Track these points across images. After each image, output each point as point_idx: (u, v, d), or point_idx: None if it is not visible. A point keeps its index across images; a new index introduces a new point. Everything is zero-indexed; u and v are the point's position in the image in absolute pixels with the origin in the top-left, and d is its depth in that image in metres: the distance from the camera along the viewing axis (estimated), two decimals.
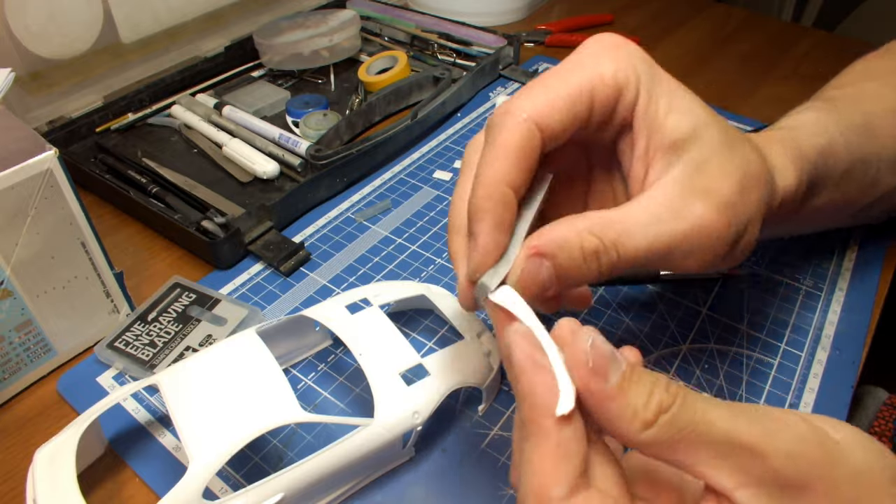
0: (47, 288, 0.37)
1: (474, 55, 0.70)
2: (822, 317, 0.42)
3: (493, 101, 0.65)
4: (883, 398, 0.54)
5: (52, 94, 0.57)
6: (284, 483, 0.29)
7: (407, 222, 0.50)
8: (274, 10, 0.74)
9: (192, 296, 0.42)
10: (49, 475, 0.29)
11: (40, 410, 0.38)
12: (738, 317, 0.42)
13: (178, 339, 0.40)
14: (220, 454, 0.28)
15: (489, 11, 0.82)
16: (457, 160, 0.57)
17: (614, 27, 0.82)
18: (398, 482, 0.34)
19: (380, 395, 0.31)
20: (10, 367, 0.37)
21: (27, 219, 0.35)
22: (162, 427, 0.36)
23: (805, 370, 0.39)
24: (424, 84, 0.65)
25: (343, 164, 0.53)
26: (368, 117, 0.62)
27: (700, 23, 0.82)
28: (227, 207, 0.51)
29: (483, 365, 0.35)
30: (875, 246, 0.48)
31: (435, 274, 0.46)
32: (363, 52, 0.72)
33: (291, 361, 0.40)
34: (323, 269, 0.46)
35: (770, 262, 0.46)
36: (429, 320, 0.42)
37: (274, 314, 0.43)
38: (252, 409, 0.30)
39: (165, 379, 0.32)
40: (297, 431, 0.36)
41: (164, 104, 0.63)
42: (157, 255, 0.49)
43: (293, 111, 0.61)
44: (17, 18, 0.52)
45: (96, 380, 0.39)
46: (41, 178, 0.34)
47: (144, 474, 0.34)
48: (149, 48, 0.64)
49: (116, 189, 0.50)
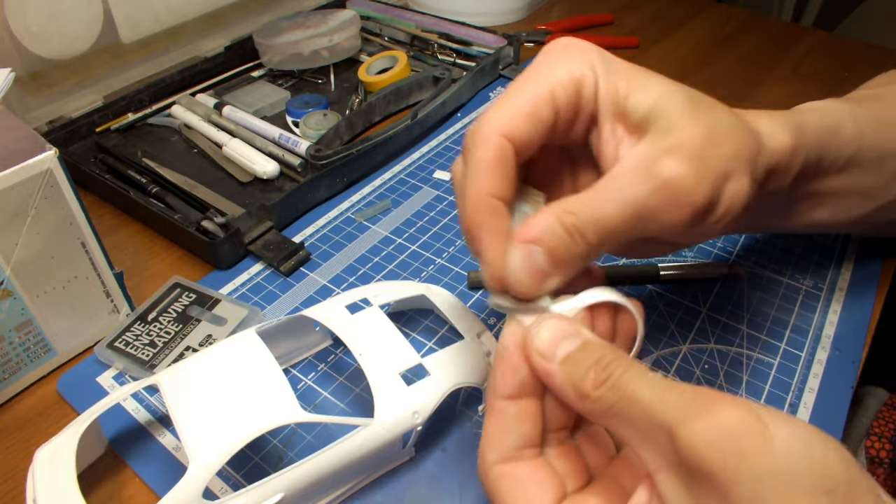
0: (47, 288, 0.37)
1: (474, 55, 0.70)
2: (822, 317, 0.42)
3: (493, 101, 0.65)
4: (883, 398, 0.54)
5: (52, 94, 0.57)
6: (284, 483, 0.29)
7: (407, 222, 0.50)
8: (274, 10, 0.74)
9: (192, 296, 0.42)
10: (49, 475, 0.29)
11: (40, 410, 0.38)
12: (738, 317, 0.42)
13: (178, 339, 0.40)
14: (220, 454, 0.28)
15: (489, 11, 0.82)
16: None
17: (614, 27, 0.82)
18: (398, 482, 0.34)
19: (380, 395, 0.31)
20: (10, 367, 0.37)
21: (27, 219, 0.35)
22: (162, 427, 0.36)
23: (805, 370, 0.39)
24: (424, 84, 0.65)
25: (343, 164, 0.53)
26: (368, 117, 0.62)
27: (700, 23, 0.82)
28: (227, 207, 0.51)
29: (483, 365, 0.35)
30: (875, 246, 0.48)
31: (435, 274, 0.46)
32: (363, 52, 0.72)
33: (291, 361, 0.40)
34: (323, 269, 0.46)
35: (770, 262, 0.46)
36: (429, 320, 0.42)
37: (274, 314, 0.43)
38: (252, 409, 0.30)
39: (165, 379, 0.32)
40: (297, 431, 0.36)
41: (164, 104, 0.63)
42: (157, 255, 0.49)
43: (293, 111, 0.61)
44: (17, 18, 0.52)
45: (96, 380, 0.39)
46: (41, 178, 0.34)
47: (144, 474, 0.34)
48: (149, 48, 0.64)
49: (116, 189, 0.50)
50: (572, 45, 0.29)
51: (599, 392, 0.23)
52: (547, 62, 0.29)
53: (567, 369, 0.24)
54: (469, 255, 0.47)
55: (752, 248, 0.48)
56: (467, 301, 0.44)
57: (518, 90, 0.28)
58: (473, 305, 0.43)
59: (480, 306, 0.43)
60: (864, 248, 0.47)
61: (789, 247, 0.48)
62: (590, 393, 0.23)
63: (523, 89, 0.28)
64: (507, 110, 0.27)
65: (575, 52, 0.29)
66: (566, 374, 0.24)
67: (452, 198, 0.53)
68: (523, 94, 0.28)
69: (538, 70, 0.28)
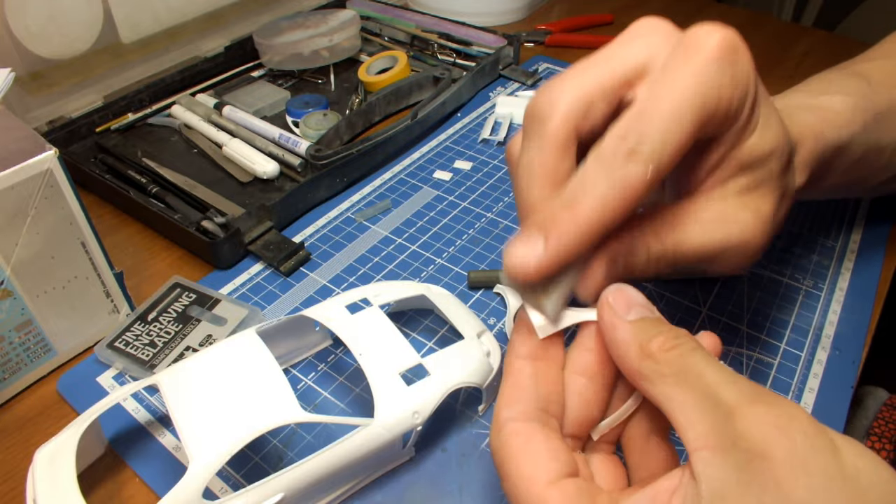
0: (47, 288, 0.37)
1: (474, 55, 0.70)
2: (822, 317, 0.42)
3: (493, 101, 0.65)
4: (883, 398, 0.54)
5: (52, 94, 0.57)
6: (284, 483, 0.29)
7: (407, 222, 0.50)
8: (274, 10, 0.74)
9: (192, 296, 0.42)
10: (49, 475, 0.29)
11: (40, 410, 0.38)
12: (738, 317, 0.42)
13: (178, 339, 0.40)
14: (220, 454, 0.28)
15: (489, 11, 0.82)
16: (457, 160, 0.57)
17: (614, 27, 0.82)
18: (398, 482, 0.34)
19: (380, 395, 0.31)
20: (10, 367, 0.37)
21: (27, 219, 0.35)
22: (162, 427, 0.36)
23: (805, 370, 0.39)
24: (424, 84, 0.65)
25: (343, 164, 0.53)
26: (368, 117, 0.62)
27: (700, 23, 0.81)
28: (227, 207, 0.51)
29: (483, 365, 0.34)
30: (875, 246, 0.48)
31: (435, 274, 0.46)
32: (363, 52, 0.72)
33: (291, 361, 0.40)
34: (323, 269, 0.46)
35: (770, 262, 0.46)
36: (429, 320, 0.42)
37: (274, 314, 0.43)
38: (252, 409, 0.30)
39: (165, 379, 0.32)
40: (297, 431, 0.36)
41: (164, 104, 0.63)
42: (157, 255, 0.49)
43: (293, 111, 0.61)
44: (17, 18, 0.52)
45: (96, 380, 0.39)
46: (41, 178, 0.34)
47: (144, 474, 0.34)
48: (149, 48, 0.64)
49: (116, 189, 0.50)
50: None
51: (666, 356, 0.22)
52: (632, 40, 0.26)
53: (636, 327, 0.24)
54: (469, 255, 0.47)
55: None
56: (467, 301, 0.44)
57: (599, 62, 0.26)
58: (473, 305, 0.43)
59: (480, 306, 0.43)
60: (865, 248, 0.48)
61: (789, 247, 0.48)
62: (655, 353, 0.22)
63: (604, 63, 0.26)
64: (584, 87, 0.25)
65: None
66: (634, 331, 0.23)
67: (452, 198, 0.53)
68: (605, 70, 0.25)
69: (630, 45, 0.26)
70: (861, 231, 0.49)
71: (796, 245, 0.48)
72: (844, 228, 0.49)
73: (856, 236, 0.48)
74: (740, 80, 0.25)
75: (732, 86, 0.24)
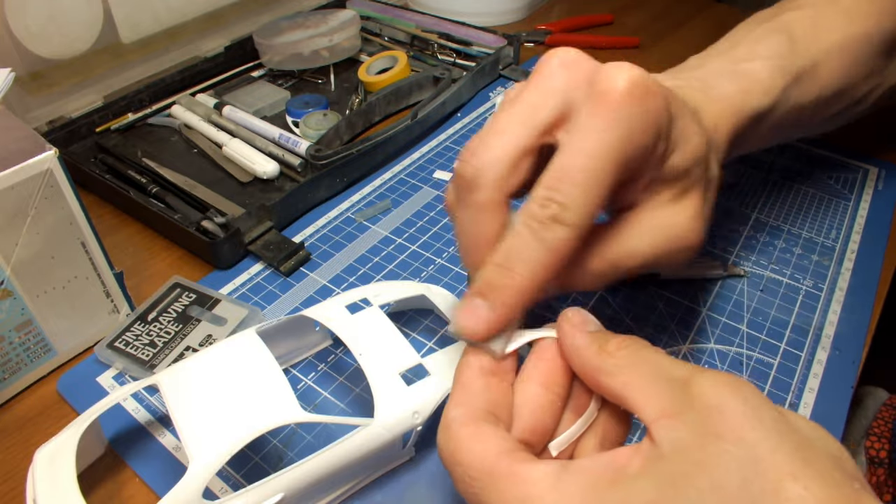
0: (47, 288, 0.37)
1: (474, 55, 0.70)
2: (822, 317, 0.42)
3: (493, 101, 0.65)
4: (883, 398, 0.54)
5: (52, 94, 0.57)
6: (284, 483, 0.29)
7: (407, 222, 0.50)
8: (274, 10, 0.74)
9: (192, 296, 0.42)
10: (49, 475, 0.29)
11: (40, 410, 0.38)
12: (738, 317, 0.42)
13: (178, 339, 0.40)
14: (220, 454, 0.28)
15: (489, 11, 0.82)
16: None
17: (614, 27, 0.82)
18: (398, 482, 0.34)
19: (380, 395, 0.31)
20: (10, 367, 0.37)
21: (27, 219, 0.35)
22: (162, 427, 0.36)
23: (805, 370, 0.39)
24: (424, 84, 0.65)
25: (343, 164, 0.53)
26: (368, 117, 0.62)
27: (700, 23, 0.82)
28: (227, 207, 0.51)
29: None
30: (875, 246, 0.48)
31: (435, 274, 0.46)
32: (363, 52, 0.72)
33: (291, 361, 0.40)
34: (323, 269, 0.46)
35: (770, 262, 0.46)
36: (429, 320, 0.42)
37: (274, 314, 0.43)
38: (252, 409, 0.30)
39: (165, 379, 0.32)
40: (297, 431, 0.36)
41: (164, 104, 0.63)
42: (157, 255, 0.49)
43: (293, 111, 0.61)
44: (17, 18, 0.52)
45: (96, 380, 0.39)
46: (41, 178, 0.34)
47: (144, 474, 0.34)
48: (149, 48, 0.64)
49: (116, 189, 0.50)
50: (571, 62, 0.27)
51: (622, 351, 0.24)
52: (544, 83, 0.27)
53: (593, 334, 0.26)
54: None
55: (751, 248, 0.48)
56: None
57: (518, 118, 0.27)
58: None
59: None
60: (864, 248, 0.48)
61: (789, 247, 0.48)
62: (612, 350, 0.25)
63: (523, 118, 0.26)
64: (507, 150, 0.26)
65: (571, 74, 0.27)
66: (592, 337, 0.25)
67: None
68: (525, 127, 0.26)
69: (541, 88, 0.27)
70: (861, 231, 0.49)
71: (796, 245, 0.48)
72: (844, 228, 0.49)
73: (856, 236, 0.49)
74: (651, 120, 0.26)
75: (644, 128, 0.26)
